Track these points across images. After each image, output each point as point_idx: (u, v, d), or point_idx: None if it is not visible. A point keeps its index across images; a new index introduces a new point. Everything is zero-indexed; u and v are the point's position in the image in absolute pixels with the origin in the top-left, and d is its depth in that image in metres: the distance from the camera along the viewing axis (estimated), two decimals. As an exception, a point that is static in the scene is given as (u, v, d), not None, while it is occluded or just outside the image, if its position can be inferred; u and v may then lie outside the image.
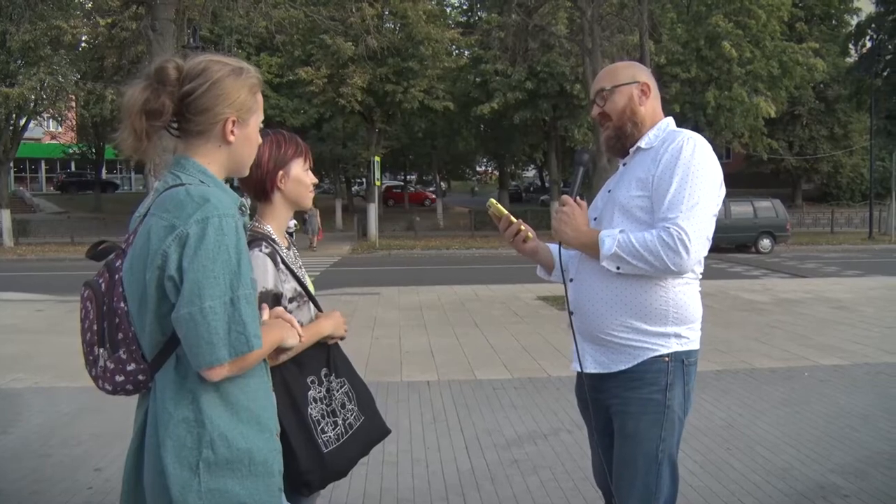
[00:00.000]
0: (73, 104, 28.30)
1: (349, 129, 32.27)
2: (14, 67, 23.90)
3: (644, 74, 2.43)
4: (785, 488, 3.90)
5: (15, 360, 7.17)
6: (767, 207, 23.25)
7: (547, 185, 44.87)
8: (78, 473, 4.19)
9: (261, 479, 1.67)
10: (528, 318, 9.57)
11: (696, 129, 23.81)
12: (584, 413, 2.55)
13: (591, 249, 2.26)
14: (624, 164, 2.42)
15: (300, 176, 2.28)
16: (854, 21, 36.35)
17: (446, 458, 4.44)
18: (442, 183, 46.66)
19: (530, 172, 62.19)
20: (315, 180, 2.35)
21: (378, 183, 28.22)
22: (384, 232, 28.75)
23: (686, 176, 2.17)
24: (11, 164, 32.12)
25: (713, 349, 7.39)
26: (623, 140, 2.40)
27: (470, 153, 42.56)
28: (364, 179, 40.23)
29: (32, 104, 25.47)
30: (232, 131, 1.74)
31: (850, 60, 34.58)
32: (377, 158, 26.64)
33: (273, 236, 2.23)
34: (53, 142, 48.18)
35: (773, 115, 27.11)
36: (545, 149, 36.12)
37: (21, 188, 47.45)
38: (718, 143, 30.89)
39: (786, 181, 37.78)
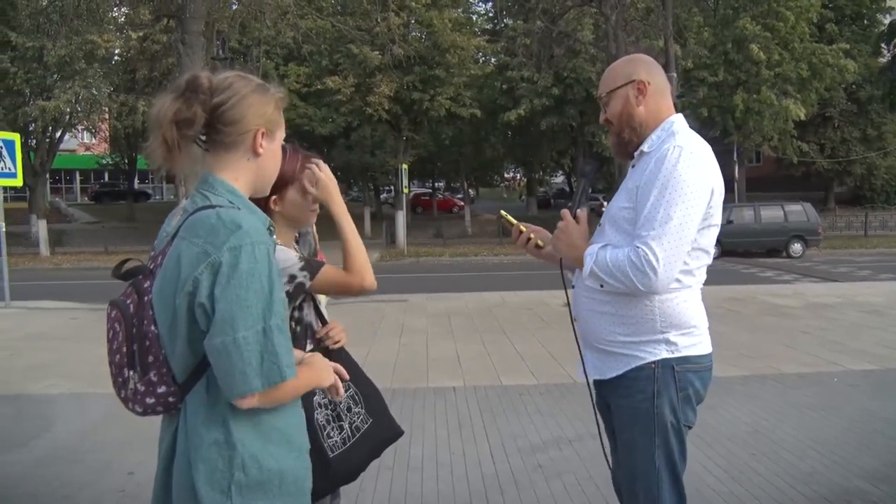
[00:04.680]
0: (107, 116, 28.85)
1: (377, 137, 32.47)
2: (50, 81, 24.44)
3: (642, 70, 2.31)
4: (810, 493, 3.88)
5: (50, 367, 7.33)
6: (798, 211, 22.91)
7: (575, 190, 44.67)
8: (108, 477, 4.28)
9: (292, 498, 1.70)
10: (556, 324, 9.55)
11: (725, 133, 23.67)
12: (602, 418, 2.56)
13: (581, 265, 2.27)
14: (632, 167, 2.35)
15: (295, 198, 2.25)
16: (887, 20, 35.79)
17: (471, 462, 4.47)
18: (470, 190, 46.66)
19: (559, 178, 61.99)
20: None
21: (406, 190, 28.35)
22: (412, 239, 28.82)
23: (664, 190, 2.10)
24: (48, 176, 32.76)
25: (740, 354, 7.34)
26: (623, 146, 2.35)
27: (497, 160, 42.54)
28: (392, 187, 40.41)
29: (68, 116, 26.03)
30: (261, 144, 1.76)
31: (882, 60, 34.04)
32: (405, 166, 26.78)
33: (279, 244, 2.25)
34: (88, 153, 49.12)
35: (802, 117, 26.81)
36: (573, 155, 36.05)
37: (57, 199, 48.32)
38: (747, 147, 30.59)
39: (818, 184, 37.21)
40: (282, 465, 1.67)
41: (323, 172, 2.23)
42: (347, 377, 2.03)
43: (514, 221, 2.49)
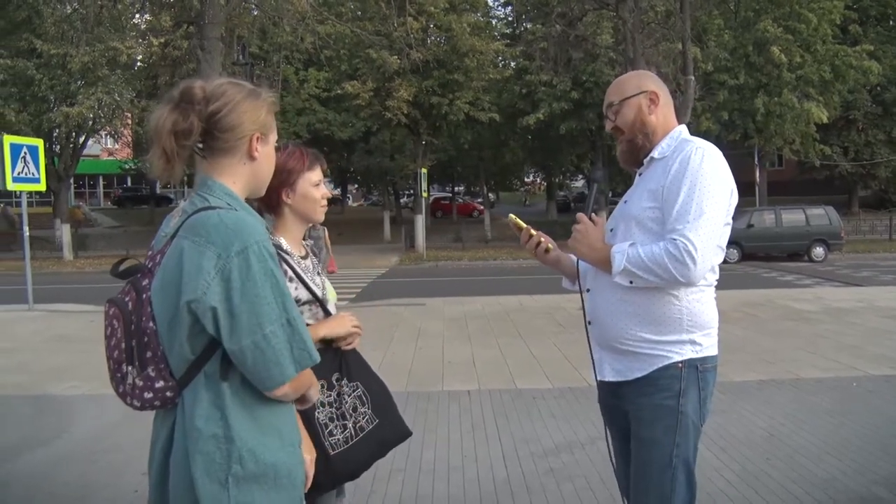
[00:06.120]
0: (129, 121, 29.17)
1: (396, 141, 32.58)
2: (74, 88, 24.76)
3: (652, 83, 2.45)
4: (825, 500, 3.83)
5: (70, 369, 7.42)
6: (820, 215, 22.66)
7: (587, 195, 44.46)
8: (124, 477, 4.33)
9: (285, 491, 1.74)
10: (572, 327, 9.51)
11: (746, 136, 23.39)
12: (606, 421, 2.60)
13: (606, 265, 2.31)
14: (640, 175, 2.45)
15: (307, 191, 2.32)
16: (913, 21, 35.34)
17: (483, 466, 4.47)
18: (490, 194, 46.59)
19: (579, 182, 61.78)
20: (327, 193, 2.38)
21: (425, 195, 28.36)
22: (432, 243, 28.83)
23: (693, 186, 2.20)
24: (72, 181, 33.16)
25: (758, 359, 7.28)
26: (636, 152, 2.44)
27: (517, 164, 42.47)
28: (412, 191, 40.51)
29: (91, 122, 26.36)
30: (256, 148, 1.82)
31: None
32: (424, 170, 26.81)
33: (284, 247, 2.29)
34: (111, 158, 49.68)
35: (825, 120, 26.51)
36: (592, 158, 35.91)
37: (80, 203, 48.89)
38: (769, 150, 30.29)
39: (841, 188, 36.76)
40: (276, 459, 1.72)
41: (350, 323, 2.37)
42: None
43: (524, 225, 2.54)
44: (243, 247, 1.62)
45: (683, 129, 2.44)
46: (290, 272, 2.23)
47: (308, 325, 2.23)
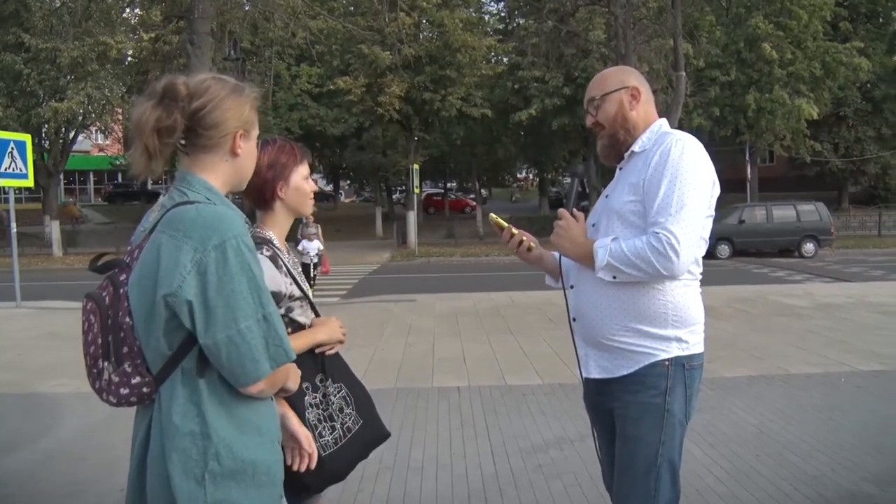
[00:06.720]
0: (119, 117, 28.98)
1: (388, 137, 32.51)
2: (63, 83, 24.59)
3: (634, 78, 2.44)
4: (814, 496, 3.83)
5: (58, 367, 7.37)
6: (811, 211, 22.75)
7: (587, 190, 44.51)
8: (112, 475, 4.29)
9: (265, 488, 1.71)
10: (563, 324, 9.38)
11: (737, 132, 23.50)
12: (591, 418, 2.60)
13: (589, 261, 2.30)
14: (620, 169, 2.44)
15: (300, 185, 2.32)
16: (902, 18, 35.44)
17: (471, 463, 4.46)
18: (482, 190, 46.51)
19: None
20: (315, 187, 2.39)
21: (417, 191, 28.31)
22: (424, 239, 28.79)
23: (674, 179, 2.18)
24: (61, 177, 32.93)
25: (748, 355, 7.29)
26: (617, 147, 2.42)
27: (509, 160, 42.43)
28: (404, 187, 40.43)
29: (80, 118, 26.17)
30: (240, 145, 1.79)
31: (898, 59, 33.69)
32: (416, 166, 26.75)
33: (274, 241, 2.27)
34: (101, 154, 49.37)
35: (815, 116, 26.62)
36: (585, 155, 35.91)
37: (71, 199, 48.60)
38: (760, 147, 30.36)
39: (831, 184, 36.86)
40: (255, 456, 1.69)
41: (341, 330, 2.35)
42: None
43: (505, 224, 2.54)
44: (221, 241, 1.60)
45: (664, 122, 2.43)
46: (283, 267, 2.22)
47: (305, 327, 2.22)
